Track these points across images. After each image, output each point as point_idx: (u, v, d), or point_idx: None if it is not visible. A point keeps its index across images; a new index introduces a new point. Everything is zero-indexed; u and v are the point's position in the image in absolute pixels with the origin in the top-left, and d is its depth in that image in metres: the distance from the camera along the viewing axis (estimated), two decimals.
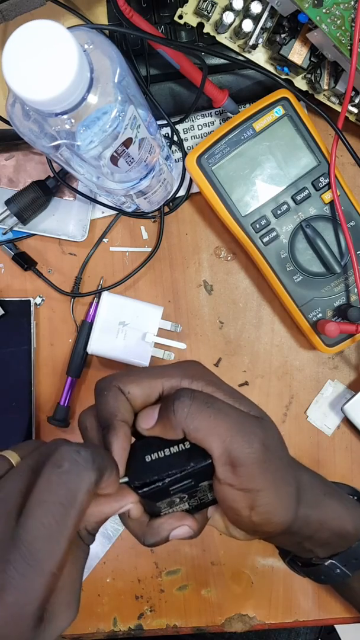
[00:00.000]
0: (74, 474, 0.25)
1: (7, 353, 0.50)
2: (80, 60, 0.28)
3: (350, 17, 0.40)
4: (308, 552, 0.38)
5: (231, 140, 0.46)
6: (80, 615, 0.51)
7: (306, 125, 0.46)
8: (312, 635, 0.75)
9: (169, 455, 0.30)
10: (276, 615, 0.51)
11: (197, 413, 0.30)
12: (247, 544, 0.51)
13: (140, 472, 0.30)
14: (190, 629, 0.51)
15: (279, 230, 0.47)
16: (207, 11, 0.44)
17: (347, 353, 0.51)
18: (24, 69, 0.27)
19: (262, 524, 0.31)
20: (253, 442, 0.30)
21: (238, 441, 0.30)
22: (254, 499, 0.30)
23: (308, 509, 0.34)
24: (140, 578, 0.51)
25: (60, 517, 0.25)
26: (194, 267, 0.52)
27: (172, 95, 0.49)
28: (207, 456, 0.30)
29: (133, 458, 0.30)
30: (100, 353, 0.50)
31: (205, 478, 0.31)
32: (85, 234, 0.51)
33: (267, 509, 0.31)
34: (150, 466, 0.30)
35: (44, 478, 0.25)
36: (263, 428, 0.31)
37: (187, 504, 0.32)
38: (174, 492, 0.31)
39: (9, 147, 0.50)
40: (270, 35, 0.45)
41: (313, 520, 0.35)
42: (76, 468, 0.25)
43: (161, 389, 0.32)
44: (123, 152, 0.34)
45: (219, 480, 0.30)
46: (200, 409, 0.30)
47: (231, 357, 0.52)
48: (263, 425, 0.32)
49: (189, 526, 0.32)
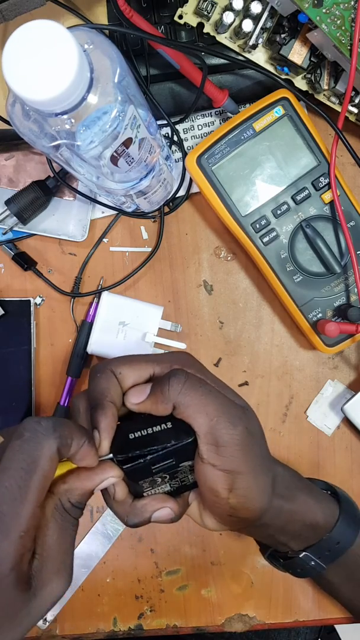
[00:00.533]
0: (33, 441, 0.27)
1: (7, 353, 0.50)
2: (80, 60, 0.28)
3: (350, 17, 0.40)
4: (283, 545, 0.40)
5: (231, 140, 0.46)
6: (80, 615, 0.51)
7: (306, 125, 0.46)
8: (312, 635, 0.75)
9: (152, 433, 0.32)
10: (276, 615, 0.51)
11: (190, 390, 0.31)
12: (247, 543, 0.51)
13: (124, 447, 0.31)
14: (190, 629, 0.51)
15: (279, 230, 0.47)
16: (207, 11, 0.44)
17: (347, 353, 0.51)
18: (24, 69, 0.27)
19: (238, 508, 0.33)
20: (238, 425, 0.32)
21: (224, 422, 0.31)
22: (234, 481, 0.32)
23: (281, 500, 0.35)
24: (140, 578, 0.51)
25: (22, 481, 0.27)
26: (194, 267, 0.52)
27: (172, 95, 0.49)
28: (189, 435, 0.31)
29: (117, 436, 0.31)
30: (100, 353, 0.50)
31: (187, 458, 0.32)
32: (85, 234, 0.51)
33: (245, 492, 0.32)
34: (133, 442, 0.32)
35: (8, 448, 0.27)
36: (247, 416, 0.33)
37: (169, 485, 0.33)
38: (155, 471, 0.32)
39: (9, 147, 0.50)
40: (270, 35, 0.45)
41: (285, 511, 0.36)
42: (36, 436, 0.28)
43: (152, 371, 0.34)
44: (123, 152, 0.34)
45: (201, 459, 0.32)
46: (193, 387, 0.32)
47: (231, 357, 0.52)
48: (247, 414, 0.33)
49: (171, 508, 0.33)
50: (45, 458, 0.27)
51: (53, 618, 0.51)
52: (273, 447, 0.51)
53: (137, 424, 0.32)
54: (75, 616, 0.51)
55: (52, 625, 0.51)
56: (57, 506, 0.30)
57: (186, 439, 0.31)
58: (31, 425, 0.28)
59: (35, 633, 0.51)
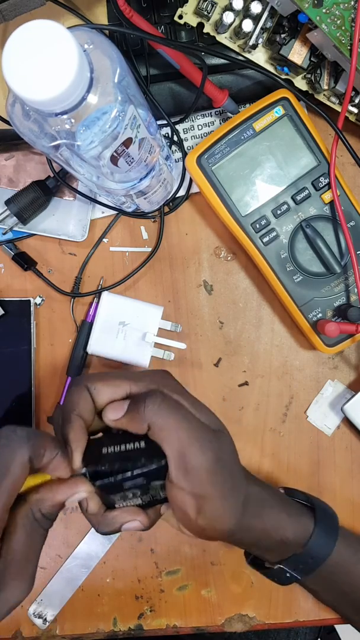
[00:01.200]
0: (8, 448, 0.29)
1: (7, 353, 0.50)
2: (80, 60, 0.28)
3: (350, 17, 0.40)
4: (260, 556, 0.41)
5: (231, 140, 0.46)
6: (80, 615, 0.51)
7: (306, 125, 0.46)
8: (311, 635, 0.75)
9: (125, 452, 0.32)
10: (276, 615, 0.51)
11: (165, 412, 0.32)
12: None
13: (96, 461, 0.32)
14: (190, 629, 0.51)
15: (279, 230, 0.47)
16: (207, 11, 0.44)
17: (347, 353, 0.51)
18: (24, 69, 0.27)
19: (206, 529, 0.34)
20: (207, 451, 0.32)
21: (194, 448, 0.32)
22: (201, 505, 0.33)
23: (252, 518, 0.36)
24: (140, 578, 0.51)
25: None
26: (194, 267, 0.52)
27: (172, 95, 0.49)
28: (160, 459, 0.32)
29: (91, 449, 0.32)
30: (100, 353, 0.50)
31: (158, 478, 0.33)
32: (85, 234, 0.51)
33: (213, 515, 0.33)
34: (106, 457, 0.32)
35: None
36: (218, 441, 0.34)
37: (140, 499, 0.34)
38: (127, 487, 0.33)
39: (9, 147, 0.50)
40: (270, 35, 0.45)
41: (255, 529, 0.37)
42: (10, 443, 0.29)
43: (128, 389, 0.34)
44: (123, 152, 0.34)
45: (171, 481, 0.32)
46: (168, 409, 0.32)
47: (231, 357, 0.52)
48: (219, 438, 0.34)
49: (140, 521, 0.34)
50: (16, 464, 0.29)
51: (53, 618, 0.51)
52: (273, 447, 0.51)
53: (112, 439, 0.33)
54: (75, 616, 0.51)
55: (52, 625, 0.51)
56: (28, 514, 0.30)
57: (157, 464, 0.32)
58: (7, 432, 0.30)
59: (35, 633, 0.51)
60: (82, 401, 0.33)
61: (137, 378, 0.35)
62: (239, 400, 0.51)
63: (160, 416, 0.32)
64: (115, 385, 0.34)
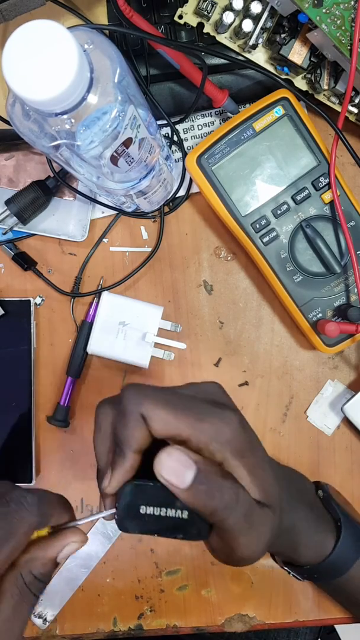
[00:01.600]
0: (17, 514, 0.28)
1: (7, 353, 0.50)
2: (80, 60, 0.28)
3: (350, 17, 0.40)
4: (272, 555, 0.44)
5: (231, 140, 0.46)
6: (80, 616, 0.51)
7: (306, 125, 0.46)
8: (311, 635, 0.75)
9: (165, 517, 0.30)
10: (276, 615, 0.51)
11: (237, 517, 0.29)
12: None
13: (132, 521, 0.30)
14: (190, 629, 0.51)
15: (279, 230, 0.47)
16: (207, 11, 0.44)
17: (347, 353, 0.51)
18: (24, 69, 0.27)
19: (243, 561, 0.31)
20: (260, 545, 0.30)
21: (242, 541, 0.29)
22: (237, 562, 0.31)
23: (281, 548, 0.39)
24: (140, 578, 0.51)
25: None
26: (194, 267, 0.52)
27: (172, 95, 0.49)
28: (204, 535, 0.30)
29: (128, 498, 0.30)
30: (100, 353, 0.50)
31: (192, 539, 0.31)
32: (85, 234, 0.51)
33: (253, 556, 0.31)
34: (143, 519, 0.30)
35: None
36: (270, 525, 0.31)
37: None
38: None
39: (9, 147, 0.50)
40: (270, 35, 0.45)
41: (283, 552, 0.40)
42: (19, 510, 0.28)
43: (188, 434, 0.29)
44: (123, 152, 0.34)
45: (210, 550, 0.32)
46: (245, 516, 0.29)
47: (231, 357, 0.52)
48: (268, 521, 0.31)
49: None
50: (22, 533, 0.28)
51: (53, 618, 0.51)
52: (273, 447, 0.51)
53: (152, 494, 0.30)
54: (75, 616, 0.51)
55: (52, 625, 0.51)
56: (17, 580, 0.28)
57: (197, 538, 0.30)
58: (18, 497, 0.29)
59: (35, 633, 0.51)
60: (140, 435, 0.29)
61: (200, 428, 0.29)
62: (239, 400, 0.51)
63: (230, 519, 0.28)
64: (176, 430, 0.29)
